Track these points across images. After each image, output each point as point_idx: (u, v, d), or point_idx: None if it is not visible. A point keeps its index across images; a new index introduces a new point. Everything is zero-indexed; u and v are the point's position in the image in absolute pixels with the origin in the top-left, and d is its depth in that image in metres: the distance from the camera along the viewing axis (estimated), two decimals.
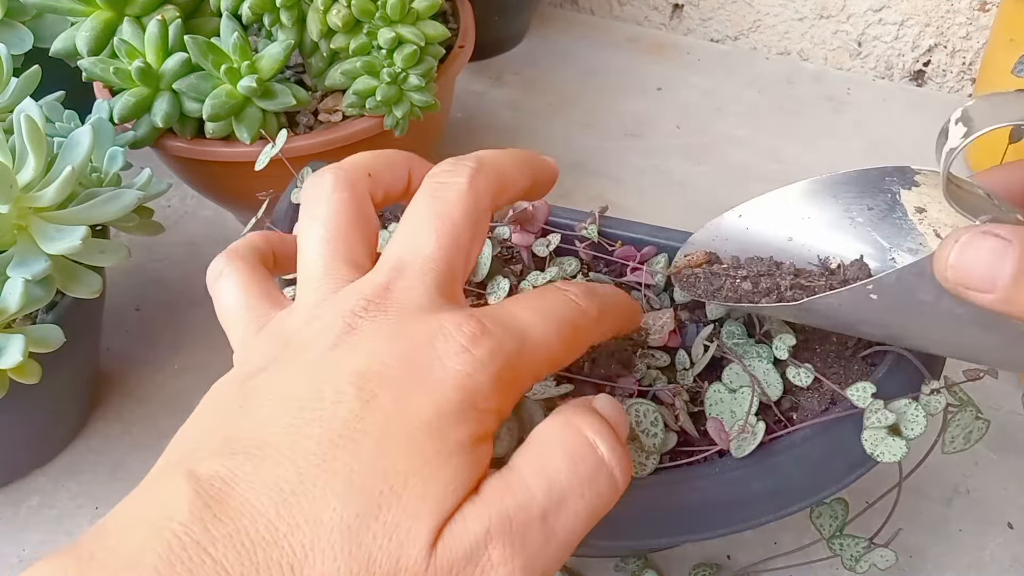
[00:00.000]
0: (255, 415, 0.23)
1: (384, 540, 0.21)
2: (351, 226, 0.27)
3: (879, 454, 0.31)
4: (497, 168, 0.28)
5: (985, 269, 0.23)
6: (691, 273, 0.35)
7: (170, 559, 0.20)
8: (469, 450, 0.22)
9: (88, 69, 0.51)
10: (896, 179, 0.34)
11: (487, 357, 0.23)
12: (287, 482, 0.21)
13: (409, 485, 0.21)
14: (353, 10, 0.50)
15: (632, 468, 0.24)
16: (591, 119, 0.76)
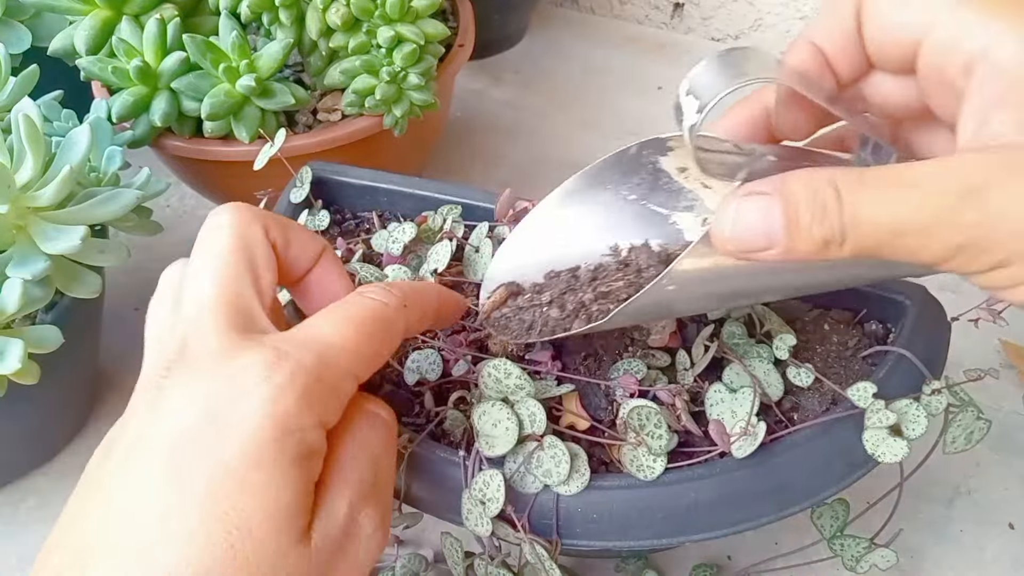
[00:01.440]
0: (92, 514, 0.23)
1: (252, 569, 0.22)
2: (240, 272, 0.27)
3: (880, 454, 0.31)
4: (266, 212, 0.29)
5: (759, 230, 0.24)
6: (500, 315, 0.35)
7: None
8: (296, 469, 0.23)
9: (86, 68, 0.51)
10: (652, 150, 0.34)
11: (287, 380, 0.24)
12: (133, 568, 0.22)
13: (253, 519, 0.22)
14: (352, 9, 0.50)
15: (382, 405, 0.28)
16: (591, 118, 0.76)
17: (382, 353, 0.28)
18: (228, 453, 0.23)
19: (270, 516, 0.23)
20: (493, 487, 0.31)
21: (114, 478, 0.24)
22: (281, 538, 0.23)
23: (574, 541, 0.32)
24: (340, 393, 0.26)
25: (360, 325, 0.27)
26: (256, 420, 0.23)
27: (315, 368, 0.25)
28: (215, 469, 0.23)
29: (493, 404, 0.31)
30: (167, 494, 0.22)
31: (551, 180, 0.36)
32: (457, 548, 0.33)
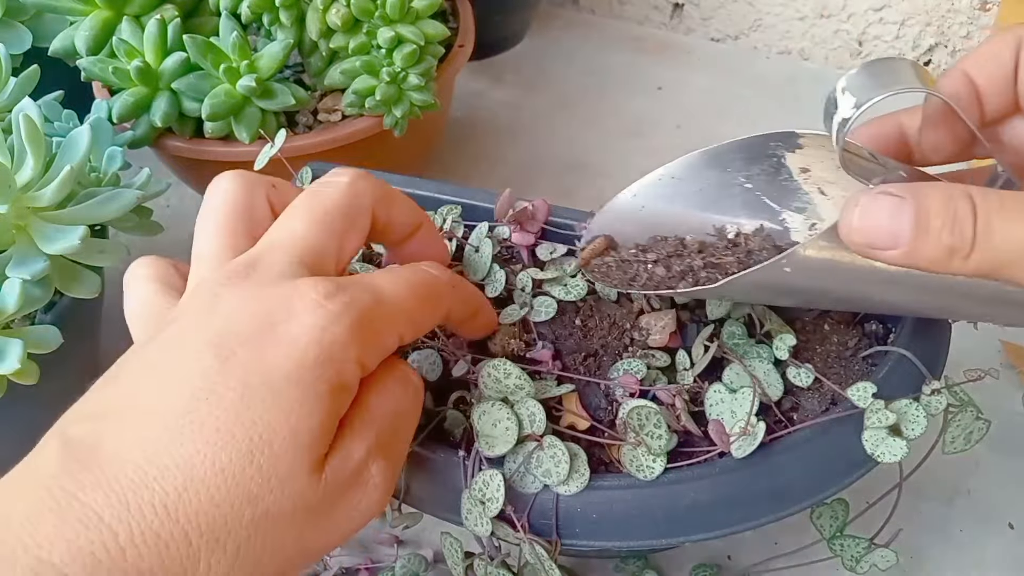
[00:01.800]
0: (123, 382, 0.24)
1: (261, 480, 0.23)
2: (237, 219, 0.29)
3: (880, 454, 0.31)
4: (383, 182, 0.31)
5: (887, 227, 0.24)
6: (601, 263, 0.35)
7: (39, 508, 0.21)
8: (329, 398, 0.24)
9: (87, 68, 0.51)
10: (781, 143, 0.35)
11: (341, 310, 0.25)
12: (152, 434, 0.22)
13: (277, 434, 0.23)
14: (352, 9, 0.50)
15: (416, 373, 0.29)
16: (591, 119, 0.76)
17: (426, 321, 0.29)
18: (271, 364, 0.23)
19: (294, 435, 0.23)
20: (493, 487, 0.31)
21: (156, 354, 0.25)
22: (297, 459, 0.23)
23: (574, 541, 0.32)
24: (383, 342, 0.27)
25: (414, 288, 0.28)
26: (303, 341, 0.24)
27: (368, 310, 0.26)
28: (255, 374, 0.23)
29: (493, 404, 0.31)
30: (206, 380, 0.23)
31: (551, 180, 0.36)
32: (457, 548, 0.33)
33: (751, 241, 0.35)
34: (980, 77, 0.29)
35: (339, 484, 0.25)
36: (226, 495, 0.22)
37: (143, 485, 0.22)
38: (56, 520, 0.21)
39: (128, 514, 0.21)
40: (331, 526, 0.25)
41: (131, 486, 0.22)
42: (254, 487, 0.23)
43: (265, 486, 0.23)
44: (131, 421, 0.23)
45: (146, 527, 0.21)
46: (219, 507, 0.22)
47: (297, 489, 0.24)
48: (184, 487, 0.22)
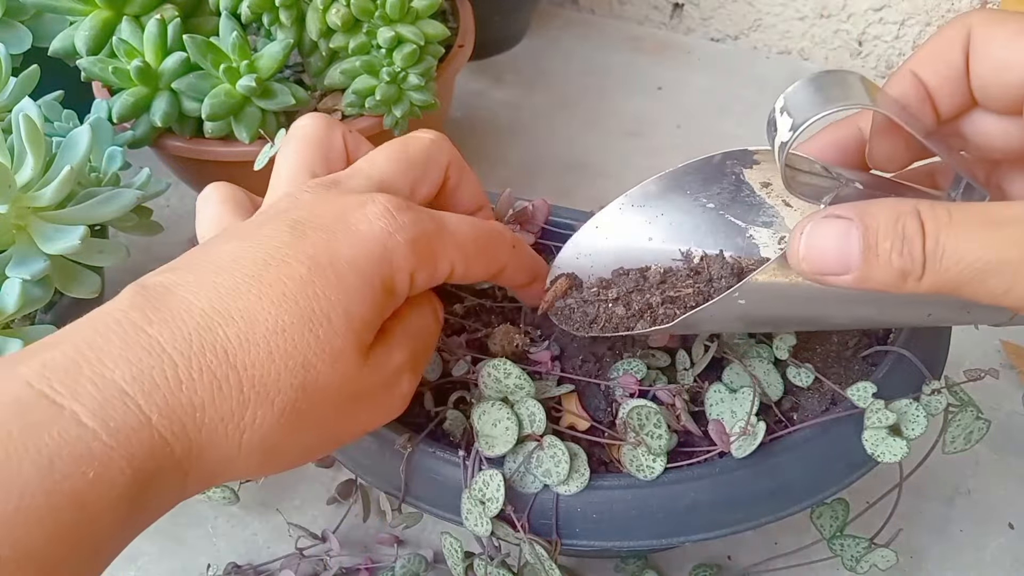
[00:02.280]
0: (205, 250, 0.26)
1: (317, 349, 0.24)
2: (315, 149, 0.31)
3: (880, 454, 0.31)
4: (458, 154, 0.33)
5: (835, 253, 0.23)
6: (564, 305, 0.35)
7: (107, 333, 0.23)
8: (383, 293, 0.26)
9: (87, 68, 0.51)
10: (737, 161, 0.34)
11: (408, 223, 0.27)
12: (223, 286, 0.24)
13: (336, 310, 0.25)
14: (352, 9, 0.50)
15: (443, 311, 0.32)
16: (591, 119, 0.76)
17: (479, 266, 0.30)
18: (338, 249, 0.26)
19: (348, 316, 0.25)
20: (493, 487, 0.31)
21: (238, 230, 0.27)
22: (349, 339, 0.25)
23: (574, 541, 0.32)
24: (436, 267, 0.28)
25: (477, 233, 0.30)
26: (370, 238, 0.26)
27: (431, 232, 0.28)
28: (324, 254, 0.25)
29: (493, 404, 0.31)
30: (280, 249, 0.25)
31: (551, 180, 0.36)
32: (457, 548, 0.33)
33: (712, 267, 0.34)
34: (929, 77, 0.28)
35: (376, 378, 0.27)
36: (282, 354, 0.24)
37: (207, 328, 0.23)
38: (122, 345, 0.22)
39: (190, 350, 0.23)
40: (360, 414, 0.27)
41: (196, 327, 0.23)
42: (309, 354, 0.24)
43: (319, 355, 0.24)
44: (205, 274, 0.24)
45: (204, 365, 0.23)
46: (275, 363, 0.24)
47: (344, 367, 0.25)
48: (246, 337, 0.23)
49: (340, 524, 0.46)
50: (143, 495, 0.22)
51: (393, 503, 0.35)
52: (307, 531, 0.45)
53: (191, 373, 0.23)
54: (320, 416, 0.25)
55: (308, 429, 0.25)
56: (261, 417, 0.24)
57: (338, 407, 0.26)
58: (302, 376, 0.24)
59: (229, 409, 0.23)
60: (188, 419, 0.23)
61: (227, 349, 0.23)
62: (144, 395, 0.22)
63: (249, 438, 0.24)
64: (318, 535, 0.45)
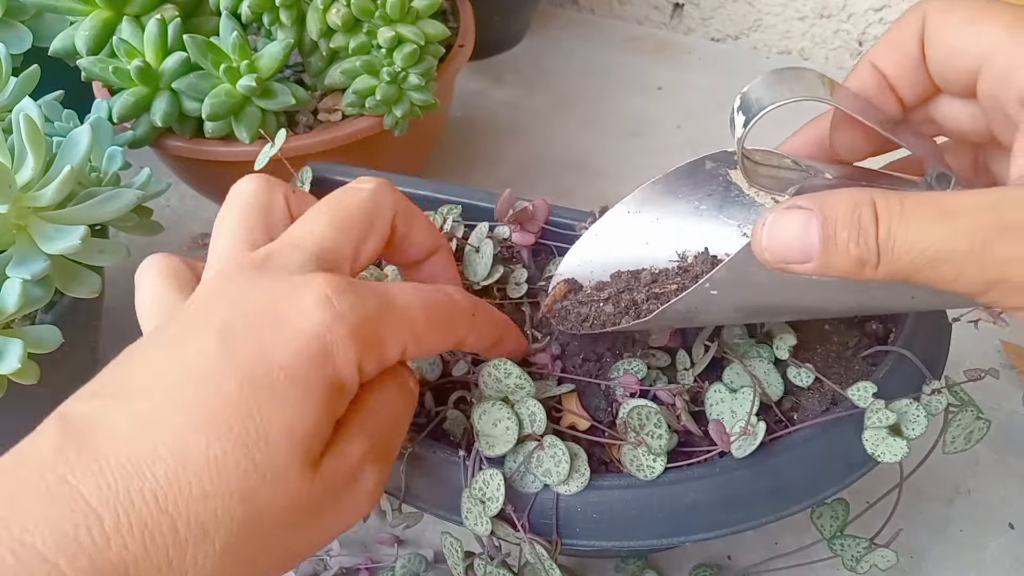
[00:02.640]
0: (127, 365, 0.24)
1: (256, 476, 0.23)
2: (254, 215, 0.29)
3: (880, 454, 0.31)
4: (406, 197, 0.31)
5: (797, 243, 0.24)
6: (561, 307, 0.36)
7: (27, 489, 0.21)
8: (327, 397, 0.24)
9: (87, 68, 0.51)
10: (720, 163, 0.35)
11: (348, 310, 0.25)
12: (148, 418, 0.22)
13: (274, 430, 0.23)
14: (353, 9, 0.50)
15: (416, 382, 0.30)
16: (591, 118, 0.76)
17: (435, 342, 0.29)
18: (272, 355, 0.24)
19: (289, 432, 0.23)
20: (493, 486, 0.31)
21: (163, 337, 0.25)
22: (293, 457, 0.23)
23: (574, 541, 0.32)
24: (385, 352, 0.26)
25: (428, 306, 0.28)
26: (306, 335, 0.24)
27: (374, 316, 0.25)
28: (256, 366, 0.23)
29: (493, 404, 0.31)
30: (207, 366, 0.23)
31: (551, 180, 0.36)
32: (457, 548, 0.33)
33: (698, 264, 0.35)
34: (888, 67, 0.28)
35: (333, 485, 0.25)
36: (217, 488, 0.22)
37: (134, 472, 0.21)
38: (43, 501, 0.21)
39: (116, 500, 0.21)
40: (320, 526, 0.25)
41: (122, 472, 0.21)
42: (247, 482, 0.22)
43: (258, 482, 0.23)
44: (129, 402, 0.23)
45: (134, 515, 0.21)
46: (209, 500, 0.22)
47: (291, 488, 0.23)
48: (175, 476, 0.22)
49: None
50: None
51: (393, 503, 0.35)
52: None
53: (119, 527, 0.21)
54: (270, 542, 0.24)
55: (259, 557, 0.24)
56: (202, 557, 0.22)
57: (289, 527, 0.24)
58: (242, 508, 0.22)
59: (165, 557, 0.21)
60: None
61: (156, 494, 0.21)
62: (68, 560, 0.20)
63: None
64: None
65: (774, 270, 0.25)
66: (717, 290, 0.27)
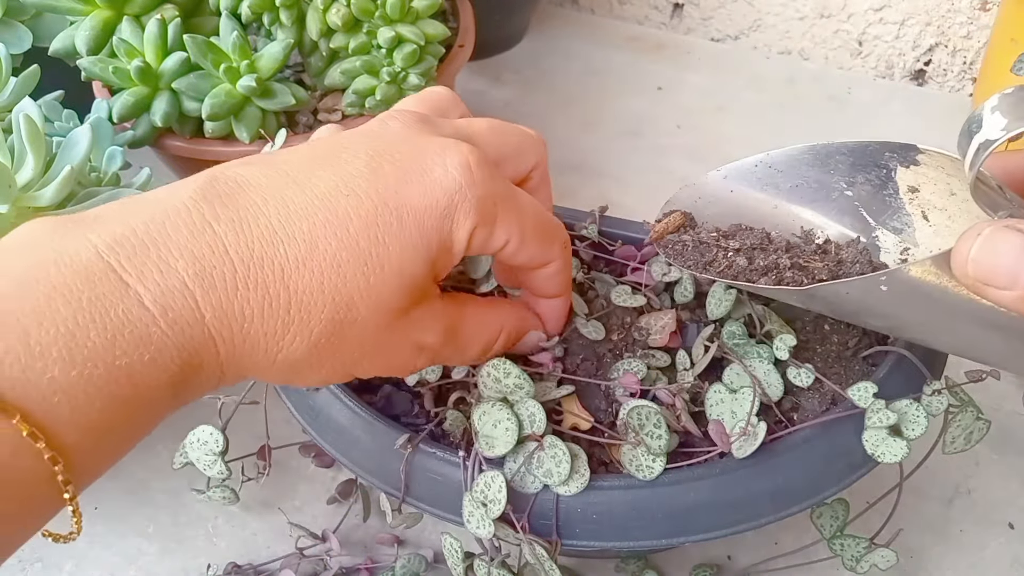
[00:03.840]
0: (286, 156, 0.26)
1: (365, 293, 0.25)
2: (431, 106, 0.31)
3: (880, 454, 0.31)
4: (547, 159, 0.34)
5: (1008, 265, 0.22)
6: (677, 240, 0.33)
7: (176, 221, 0.23)
8: (440, 251, 0.26)
9: (87, 68, 0.51)
10: (897, 155, 0.33)
11: (481, 180, 0.27)
12: (293, 203, 0.24)
13: (391, 261, 0.25)
14: (353, 9, 0.50)
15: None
16: (591, 118, 0.76)
17: (534, 250, 0.30)
18: (409, 194, 0.26)
19: (400, 271, 0.26)
20: (495, 489, 0.31)
21: (320, 145, 0.27)
22: (395, 290, 0.26)
23: (574, 541, 0.32)
24: (495, 232, 0.28)
25: (540, 216, 0.30)
26: (441, 189, 0.26)
27: (500, 194, 0.28)
28: (393, 195, 0.25)
29: (493, 404, 0.31)
30: (353, 180, 0.25)
31: (551, 180, 0.36)
32: (457, 548, 0.33)
33: (843, 252, 0.33)
34: None
35: (404, 340, 0.28)
36: (332, 288, 0.24)
37: (270, 242, 0.24)
38: (188, 236, 0.23)
39: (251, 258, 0.23)
40: (376, 361, 0.28)
41: (260, 238, 0.24)
42: (356, 295, 0.25)
43: (364, 299, 0.25)
44: (279, 183, 0.25)
45: (260, 278, 0.23)
46: (323, 295, 0.24)
47: (384, 318, 0.26)
48: (303, 262, 0.24)
49: (340, 524, 0.46)
50: (185, 383, 0.23)
51: (393, 503, 0.35)
52: (307, 531, 0.45)
53: (247, 282, 0.23)
54: (347, 353, 0.26)
55: (333, 361, 0.26)
56: (299, 343, 0.24)
57: (364, 349, 0.27)
58: (344, 313, 0.25)
59: (273, 328, 0.24)
60: (236, 327, 0.23)
61: (284, 268, 0.24)
62: (203, 292, 0.23)
63: (283, 358, 0.25)
64: (318, 535, 0.45)
65: (960, 288, 0.23)
66: (889, 287, 0.25)
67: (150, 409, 0.23)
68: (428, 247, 0.26)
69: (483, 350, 0.32)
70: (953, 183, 0.32)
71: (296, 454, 0.46)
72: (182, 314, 0.22)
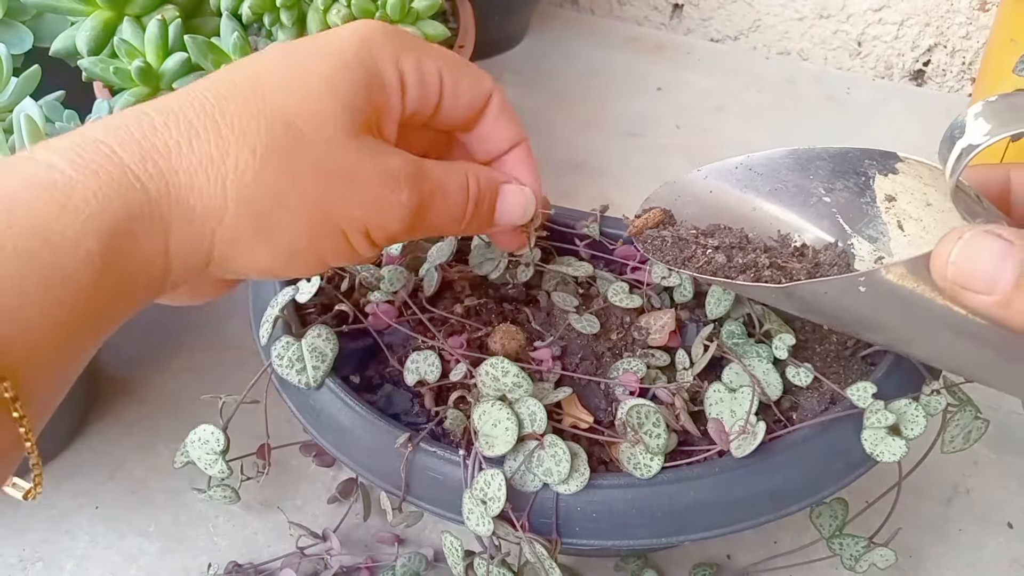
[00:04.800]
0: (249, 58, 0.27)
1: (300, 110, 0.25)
2: None
3: (879, 454, 0.31)
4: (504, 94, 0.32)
5: (987, 270, 0.22)
6: (656, 236, 0.33)
7: (111, 118, 0.23)
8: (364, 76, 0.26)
9: (88, 69, 0.51)
10: (876, 163, 0.33)
11: (382, 26, 0.28)
12: (216, 75, 0.25)
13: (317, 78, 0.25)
14: (353, 10, 0.50)
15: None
16: (591, 119, 0.76)
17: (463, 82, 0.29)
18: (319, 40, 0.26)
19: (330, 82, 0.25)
20: (494, 487, 0.31)
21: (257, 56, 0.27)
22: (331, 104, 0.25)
23: (573, 540, 0.32)
24: (422, 58, 0.28)
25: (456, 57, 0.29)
26: (347, 33, 0.27)
27: (407, 35, 0.28)
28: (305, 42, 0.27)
29: (493, 403, 0.31)
30: (274, 51, 0.26)
31: (551, 180, 0.36)
32: (457, 547, 0.34)
33: (821, 255, 0.33)
34: None
35: (369, 163, 0.26)
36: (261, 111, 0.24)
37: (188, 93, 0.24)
38: (112, 118, 0.23)
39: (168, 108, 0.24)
40: (354, 197, 0.26)
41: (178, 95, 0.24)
42: (290, 114, 0.25)
43: (300, 116, 0.25)
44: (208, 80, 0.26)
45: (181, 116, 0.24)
46: (254, 118, 0.24)
47: (329, 134, 0.25)
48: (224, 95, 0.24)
49: (341, 523, 0.46)
50: (118, 246, 0.21)
51: (394, 502, 0.35)
52: (308, 530, 0.45)
53: (167, 123, 0.23)
54: (307, 180, 0.25)
55: (301, 196, 0.25)
56: (243, 163, 0.24)
57: (327, 177, 0.25)
58: (284, 132, 0.24)
59: (207, 153, 0.23)
60: (163, 160, 0.23)
61: (204, 105, 0.24)
62: (118, 141, 0.22)
63: (233, 183, 0.23)
64: (319, 534, 0.45)
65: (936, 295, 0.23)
66: (867, 288, 0.25)
67: (75, 280, 0.21)
68: (351, 67, 0.26)
69: (463, 196, 0.29)
70: (930, 193, 0.32)
71: (297, 453, 0.46)
72: (94, 158, 0.22)
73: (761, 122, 0.75)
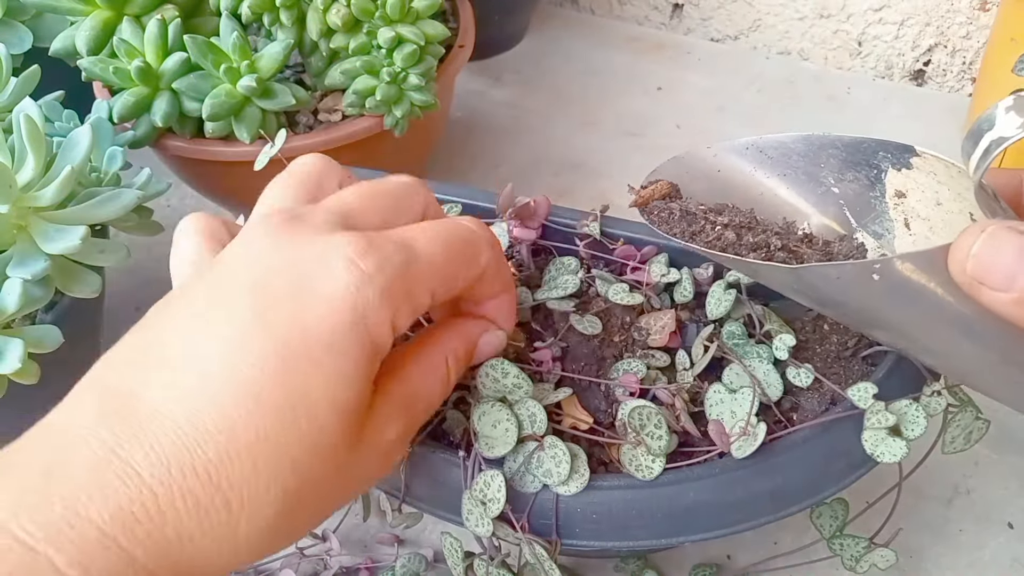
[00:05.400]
0: (158, 331, 0.24)
1: (305, 446, 0.23)
2: (305, 187, 0.29)
3: (879, 454, 0.31)
4: (434, 198, 0.31)
5: (1004, 266, 0.22)
6: (663, 207, 0.32)
7: (75, 458, 0.20)
8: (366, 359, 0.24)
9: (87, 68, 0.51)
10: (890, 156, 0.32)
11: (375, 271, 0.24)
12: (192, 390, 0.22)
13: (320, 403, 0.23)
14: (353, 9, 0.50)
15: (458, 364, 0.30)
16: (591, 119, 0.76)
17: (460, 278, 0.28)
18: (307, 325, 0.23)
19: (333, 403, 0.23)
20: (494, 487, 0.31)
21: (194, 299, 0.25)
22: (338, 427, 0.24)
23: (573, 541, 0.32)
24: (416, 302, 0.26)
25: (450, 245, 0.27)
26: (338, 302, 0.24)
27: (401, 273, 0.25)
28: (293, 337, 0.23)
29: (492, 404, 0.31)
30: (245, 337, 0.23)
31: (551, 180, 0.35)
32: (457, 548, 0.34)
33: (834, 245, 0.32)
34: None
35: (369, 460, 0.26)
36: (267, 463, 0.22)
37: (184, 448, 0.21)
38: (93, 472, 0.20)
39: (169, 476, 0.21)
40: (350, 491, 0.26)
41: (172, 447, 0.21)
42: (295, 453, 0.22)
43: (306, 452, 0.23)
44: (169, 373, 0.22)
45: (187, 491, 0.21)
46: (261, 476, 0.22)
47: (335, 458, 0.24)
48: (226, 452, 0.21)
49: (340, 524, 0.46)
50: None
51: (393, 503, 0.35)
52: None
53: (174, 503, 0.21)
54: (312, 507, 0.24)
55: (299, 522, 0.24)
56: (256, 530, 0.22)
57: (331, 493, 0.25)
58: (291, 479, 0.23)
59: (221, 534, 0.22)
60: (176, 551, 0.21)
61: (208, 470, 0.21)
62: (125, 534, 0.20)
63: (247, 550, 0.22)
64: (318, 534, 0.45)
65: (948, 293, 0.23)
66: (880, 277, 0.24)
67: None
68: (353, 363, 0.24)
69: (444, 387, 0.29)
70: (942, 192, 0.31)
71: None
72: (107, 567, 0.20)
73: (761, 122, 0.75)
